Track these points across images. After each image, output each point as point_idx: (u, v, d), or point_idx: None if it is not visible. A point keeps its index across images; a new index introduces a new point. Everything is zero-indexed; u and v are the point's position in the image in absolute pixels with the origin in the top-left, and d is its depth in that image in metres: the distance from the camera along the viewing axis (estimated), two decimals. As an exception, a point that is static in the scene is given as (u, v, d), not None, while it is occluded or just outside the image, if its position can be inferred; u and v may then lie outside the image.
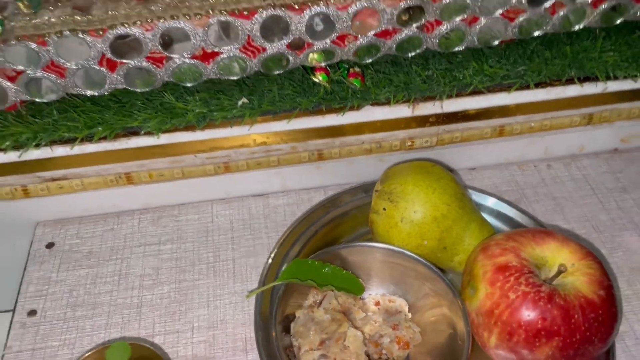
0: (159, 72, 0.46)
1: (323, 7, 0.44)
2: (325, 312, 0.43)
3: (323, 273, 0.44)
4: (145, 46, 0.44)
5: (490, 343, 0.40)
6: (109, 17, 0.43)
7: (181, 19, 0.43)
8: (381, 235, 0.47)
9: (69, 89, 0.46)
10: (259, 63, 0.47)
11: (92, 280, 0.52)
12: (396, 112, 0.50)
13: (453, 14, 0.47)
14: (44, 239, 0.56)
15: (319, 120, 0.50)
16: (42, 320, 0.49)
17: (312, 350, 0.41)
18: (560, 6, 0.48)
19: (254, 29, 0.44)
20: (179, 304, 0.50)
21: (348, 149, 0.53)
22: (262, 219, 0.57)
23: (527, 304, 0.38)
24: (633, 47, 0.52)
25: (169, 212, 0.57)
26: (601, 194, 0.58)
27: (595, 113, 0.54)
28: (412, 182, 0.46)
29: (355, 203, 0.56)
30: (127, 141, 0.48)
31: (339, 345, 0.41)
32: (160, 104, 0.48)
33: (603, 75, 0.50)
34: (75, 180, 0.50)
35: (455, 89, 0.50)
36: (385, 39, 0.48)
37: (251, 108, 0.48)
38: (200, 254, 0.54)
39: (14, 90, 0.45)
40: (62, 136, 0.47)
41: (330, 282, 0.44)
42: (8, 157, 0.47)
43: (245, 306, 0.50)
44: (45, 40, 0.42)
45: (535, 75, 0.50)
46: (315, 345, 0.41)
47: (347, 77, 0.50)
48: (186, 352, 0.47)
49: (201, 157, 0.50)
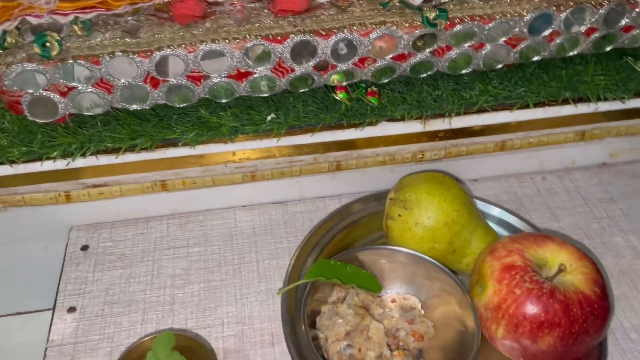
0: (197, 90, 0.51)
1: (347, 33, 0.49)
2: (348, 307, 0.48)
3: (345, 272, 0.49)
4: (187, 66, 0.49)
5: (497, 335, 0.45)
6: (155, 40, 0.48)
7: (220, 42, 0.48)
8: (396, 240, 0.52)
9: (114, 103, 0.50)
10: (287, 82, 0.52)
11: (126, 280, 0.56)
12: (409, 128, 0.55)
13: (462, 41, 0.52)
14: (78, 242, 0.59)
15: (340, 134, 0.54)
16: (81, 317, 0.53)
17: (339, 340, 0.45)
18: (556, 35, 0.54)
19: (285, 52, 0.49)
20: (209, 301, 0.54)
21: (364, 161, 0.58)
22: (282, 225, 0.61)
23: (531, 299, 0.43)
24: (621, 72, 0.57)
25: (194, 218, 0.62)
26: (592, 204, 0.63)
27: (587, 130, 0.59)
28: (425, 190, 0.51)
29: (368, 210, 0.60)
30: (164, 151, 0.52)
31: (363, 336, 0.45)
32: (196, 118, 0.52)
33: (595, 97, 0.56)
34: (115, 187, 0.54)
35: (462, 107, 0.55)
36: (401, 62, 0.53)
37: (279, 123, 0.53)
38: (226, 256, 0.58)
39: (64, 104, 0.49)
40: (107, 146, 0.51)
41: (352, 281, 0.49)
42: (55, 166, 0.51)
43: (270, 304, 0.54)
44: (99, 60, 0.46)
45: (535, 96, 0.56)
46: (341, 336, 0.45)
47: (366, 96, 0.55)
48: (217, 345, 0.51)
49: (231, 166, 0.55)
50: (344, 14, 0.50)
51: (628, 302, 0.54)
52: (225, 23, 0.49)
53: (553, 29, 0.53)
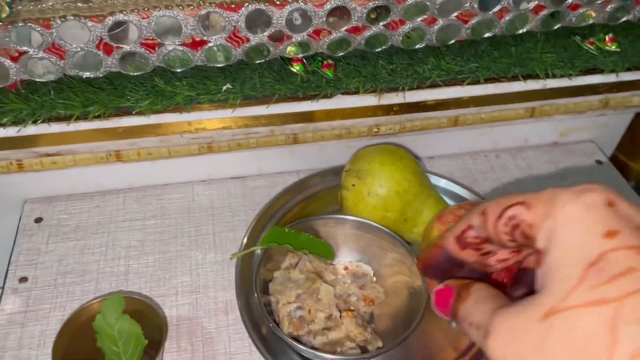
0: (151, 58, 0.51)
1: (301, 4, 0.50)
2: (300, 273, 0.48)
3: (299, 240, 0.50)
4: (141, 33, 0.49)
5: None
6: (108, 5, 0.47)
7: (174, 9, 0.48)
8: (350, 209, 0.53)
9: (67, 70, 0.50)
10: (243, 52, 0.52)
11: (80, 251, 0.56)
12: (364, 101, 0.56)
13: (415, 15, 0.53)
14: (32, 214, 0.59)
15: (295, 106, 0.55)
16: (33, 286, 0.52)
17: (289, 303, 0.46)
18: (506, 11, 0.55)
19: (240, 21, 0.50)
20: (164, 271, 0.54)
21: (320, 134, 0.58)
22: (241, 199, 0.61)
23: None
24: (569, 50, 0.59)
25: (152, 192, 0.62)
26: (542, 180, 0.65)
27: (537, 107, 0.61)
28: (378, 161, 0.52)
29: (325, 184, 0.61)
30: (118, 120, 0.52)
31: (313, 298, 0.46)
32: (151, 87, 0.52)
33: (543, 73, 0.58)
34: (68, 156, 0.54)
35: (416, 81, 0.56)
36: (355, 34, 0.54)
37: (234, 93, 0.53)
38: (183, 229, 0.58)
39: (15, 70, 0.49)
40: (59, 113, 0.51)
41: (305, 247, 0.49)
42: (6, 132, 0.50)
43: (225, 274, 0.54)
44: (50, 23, 0.46)
45: (485, 71, 0.57)
46: (292, 299, 0.46)
47: (322, 68, 0.55)
48: (171, 313, 0.51)
49: (187, 137, 0.55)
50: (299, -15, 0.51)
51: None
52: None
53: (502, 5, 0.54)
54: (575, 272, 0.20)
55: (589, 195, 0.22)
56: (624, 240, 0.20)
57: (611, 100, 0.62)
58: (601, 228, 0.21)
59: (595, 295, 0.19)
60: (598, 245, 0.20)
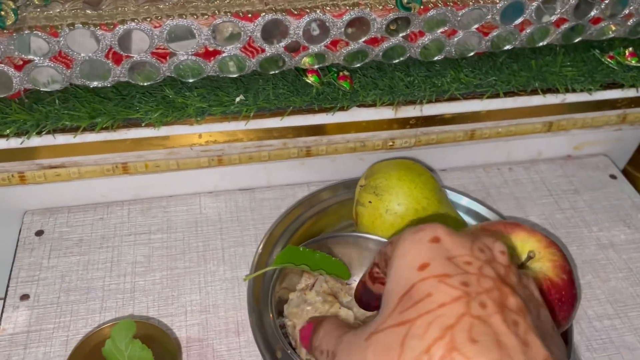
0: (162, 67, 0.49)
1: (320, 14, 0.48)
2: (316, 295, 0.46)
3: (314, 259, 0.48)
4: (152, 42, 0.46)
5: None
6: (118, 13, 0.45)
7: (188, 17, 0.46)
8: (366, 226, 0.51)
9: (73, 79, 0.48)
10: (257, 63, 0.50)
11: (84, 267, 0.53)
12: (380, 114, 0.54)
13: (435, 27, 0.52)
14: (32, 226, 0.56)
15: (310, 119, 0.53)
16: (35, 304, 0.50)
17: None
18: (527, 24, 0.54)
19: (256, 31, 0.48)
20: (172, 289, 0.52)
21: (334, 147, 0.57)
22: (249, 212, 0.60)
23: (501, 285, 0.42)
24: (588, 63, 0.58)
25: (157, 204, 0.59)
26: (556, 195, 0.64)
27: (555, 121, 0.60)
28: (396, 176, 0.51)
29: (337, 198, 0.60)
30: (126, 132, 0.50)
31: (333, 323, 0.44)
32: (161, 98, 0.50)
33: (563, 87, 0.56)
34: (73, 168, 0.52)
35: (434, 94, 0.55)
36: (373, 46, 0.52)
37: (247, 105, 0.51)
38: (190, 244, 0.56)
39: (18, 79, 0.46)
40: (65, 125, 0.48)
41: (321, 267, 0.48)
42: (9, 144, 0.48)
43: (235, 292, 0.52)
44: (58, 31, 0.44)
45: (505, 85, 0.56)
46: None
47: (337, 80, 0.54)
48: (180, 334, 0.49)
49: (197, 149, 0.53)
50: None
51: (592, 292, 0.54)
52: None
53: (524, 17, 0.53)
54: (394, 301, 0.26)
55: (418, 233, 0.27)
56: (432, 270, 0.25)
57: (629, 115, 0.61)
58: (418, 261, 0.26)
59: (400, 318, 0.25)
60: (413, 277, 0.25)
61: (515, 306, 0.25)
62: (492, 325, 0.24)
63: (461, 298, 0.24)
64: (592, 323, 0.52)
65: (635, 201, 0.64)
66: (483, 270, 0.26)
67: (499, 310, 0.24)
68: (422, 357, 0.23)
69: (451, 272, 0.25)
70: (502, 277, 0.26)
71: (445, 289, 0.25)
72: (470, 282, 0.25)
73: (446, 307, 0.24)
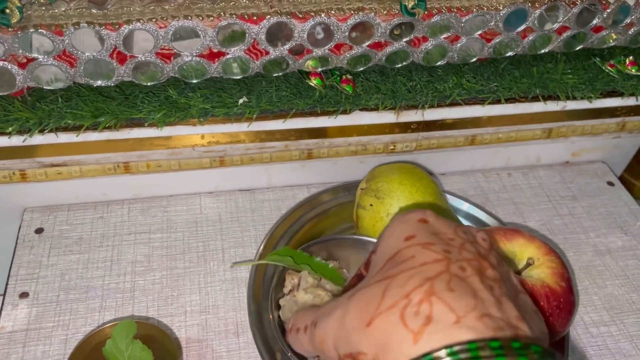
0: (166, 68, 0.49)
1: (325, 18, 0.48)
2: (305, 293, 0.46)
3: (311, 263, 0.48)
4: (157, 43, 0.46)
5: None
6: (124, 13, 0.45)
7: (194, 19, 0.46)
8: (367, 229, 0.52)
9: (77, 78, 0.48)
10: (261, 65, 0.50)
11: (83, 265, 0.53)
12: (383, 118, 0.55)
13: (438, 32, 0.52)
14: (32, 224, 0.56)
15: (313, 121, 0.53)
16: (34, 303, 0.50)
17: None
18: (530, 31, 0.54)
19: (260, 33, 0.48)
20: (171, 289, 0.52)
21: (335, 150, 0.57)
22: (249, 213, 0.60)
23: (500, 291, 0.43)
24: (589, 71, 0.58)
25: (157, 203, 0.59)
26: (555, 201, 0.64)
27: (554, 128, 0.60)
28: (397, 180, 0.51)
29: (338, 201, 0.60)
30: (129, 131, 0.50)
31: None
32: (164, 98, 0.50)
33: (564, 95, 0.57)
34: (74, 167, 0.51)
35: (436, 99, 0.55)
36: (377, 50, 0.52)
37: (250, 107, 0.51)
38: (190, 244, 0.56)
39: (22, 77, 0.46)
40: (67, 123, 0.48)
41: (315, 272, 0.47)
42: (11, 142, 0.48)
43: (235, 293, 0.52)
44: (63, 30, 0.44)
45: (506, 91, 0.56)
46: None
47: (340, 83, 0.54)
48: (180, 334, 0.49)
49: (199, 150, 0.53)
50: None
51: (589, 298, 0.55)
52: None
53: (527, 25, 0.53)
54: (378, 266, 0.28)
55: (408, 214, 0.30)
56: (417, 240, 0.28)
57: (628, 123, 0.62)
58: (405, 234, 0.29)
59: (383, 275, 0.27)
60: (399, 246, 0.28)
61: (492, 276, 0.27)
62: (469, 282, 0.25)
63: (442, 260, 0.26)
64: (589, 329, 0.52)
65: (632, 208, 0.64)
66: (465, 246, 0.28)
67: (477, 273, 0.26)
68: (401, 301, 0.25)
69: (435, 242, 0.28)
70: (482, 255, 0.28)
71: (428, 253, 0.27)
72: (452, 251, 0.27)
73: (427, 265, 0.26)
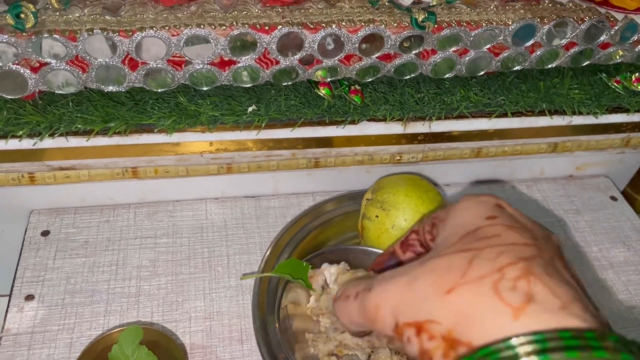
0: (177, 75, 0.49)
1: (335, 29, 0.49)
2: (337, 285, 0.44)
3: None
4: (169, 50, 0.47)
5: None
6: (137, 20, 0.46)
7: (206, 27, 0.46)
8: (372, 240, 0.52)
9: (88, 83, 0.48)
10: (271, 74, 0.51)
11: (89, 269, 0.54)
12: (390, 129, 0.55)
13: (447, 45, 0.52)
14: (39, 226, 0.57)
15: (320, 131, 0.54)
16: (40, 305, 0.50)
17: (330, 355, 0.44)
18: (538, 46, 0.54)
19: (272, 43, 0.48)
20: (176, 295, 0.52)
21: (342, 159, 0.57)
22: (255, 220, 0.60)
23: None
24: (595, 87, 0.59)
25: (164, 208, 0.60)
26: (558, 214, 0.65)
27: (560, 142, 0.61)
28: (403, 192, 0.51)
29: (342, 210, 0.60)
30: (138, 137, 0.50)
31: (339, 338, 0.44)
32: (175, 105, 0.51)
33: (570, 110, 0.57)
34: (83, 170, 0.52)
35: (443, 111, 0.55)
36: (386, 62, 0.53)
37: (259, 115, 0.52)
38: (196, 249, 0.56)
39: (34, 80, 0.47)
40: (78, 128, 0.48)
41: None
42: (21, 145, 0.48)
43: (240, 300, 0.53)
44: (76, 36, 0.44)
45: (513, 105, 0.56)
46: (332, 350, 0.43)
47: (349, 94, 0.54)
48: (184, 340, 0.49)
49: (207, 157, 0.53)
50: (332, 9, 0.50)
51: (591, 312, 0.55)
52: (212, 8, 0.47)
53: (535, 40, 0.53)
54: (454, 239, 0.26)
55: (483, 197, 0.28)
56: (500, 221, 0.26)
57: (633, 139, 0.62)
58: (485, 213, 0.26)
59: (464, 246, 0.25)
60: (479, 223, 0.26)
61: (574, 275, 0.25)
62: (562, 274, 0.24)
63: (532, 245, 0.24)
64: (591, 344, 0.53)
65: (635, 223, 0.64)
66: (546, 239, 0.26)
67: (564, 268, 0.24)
68: (493, 274, 0.22)
69: (519, 226, 0.25)
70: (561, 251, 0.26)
71: (514, 235, 0.25)
72: (539, 239, 0.25)
73: (518, 246, 0.24)
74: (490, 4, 0.53)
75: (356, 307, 0.27)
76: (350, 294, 0.28)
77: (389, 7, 0.50)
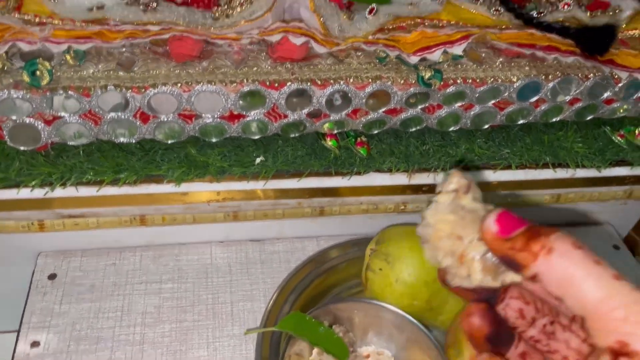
0: (187, 127, 0.50)
1: (343, 85, 0.50)
2: (473, 201, 0.42)
3: (317, 332, 0.48)
4: (180, 105, 0.48)
5: (472, 399, 0.45)
6: (150, 76, 0.47)
7: (217, 84, 0.47)
8: (376, 293, 0.52)
9: (100, 135, 0.49)
10: (279, 127, 0.52)
11: (94, 315, 0.54)
12: (395, 180, 0.56)
13: (453, 101, 0.53)
14: (46, 269, 0.57)
15: (326, 181, 0.54)
16: (45, 352, 0.51)
17: None
18: (542, 102, 0.55)
19: (280, 99, 0.49)
20: (180, 343, 0.53)
21: (347, 208, 0.58)
22: (259, 265, 0.60)
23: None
24: (599, 140, 0.60)
25: (169, 251, 0.60)
26: (561, 263, 0.65)
27: (563, 194, 0.61)
28: (408, 246, 0.52)
29: (347, 257, 0.60)
30: (147, 187, 0.51)
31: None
32: (184, 155, 0.51)
33: (574, 164, 0.58)
34: (92, 218, 0.52)
35: (448, 164, 0.56)
36: (392, 116, 0.53)
37: (267, 166, 0.52)
38: (200, 295, 0.57)
39: (47, 133, 0.47)
40: (88, 179, 0.49)
41: (320, 343, 0.48)
42: (32, 194, 0.49)
43: (243, 350, 0.53)
44: (90, 92, 0.45)
45: (517, 158, 0.57)
46: None
47: (355, 145, 0.55)
48: (187, 391, 0.49)
49: (214, 205, 0.54)
50: (341, 65, 0.51)
51: None
52: (222, 64, 0.48)
53: (540, 96, 0.54)
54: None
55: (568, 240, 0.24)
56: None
57: (635, 191, 0.63)
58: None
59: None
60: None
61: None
62: None
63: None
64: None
65: (638, 273, 0.65)
66: None
67: None
68: None
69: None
70: None
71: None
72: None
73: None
74: (496, 60, 0.54)
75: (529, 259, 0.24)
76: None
77: (397, 64, 0.51)
